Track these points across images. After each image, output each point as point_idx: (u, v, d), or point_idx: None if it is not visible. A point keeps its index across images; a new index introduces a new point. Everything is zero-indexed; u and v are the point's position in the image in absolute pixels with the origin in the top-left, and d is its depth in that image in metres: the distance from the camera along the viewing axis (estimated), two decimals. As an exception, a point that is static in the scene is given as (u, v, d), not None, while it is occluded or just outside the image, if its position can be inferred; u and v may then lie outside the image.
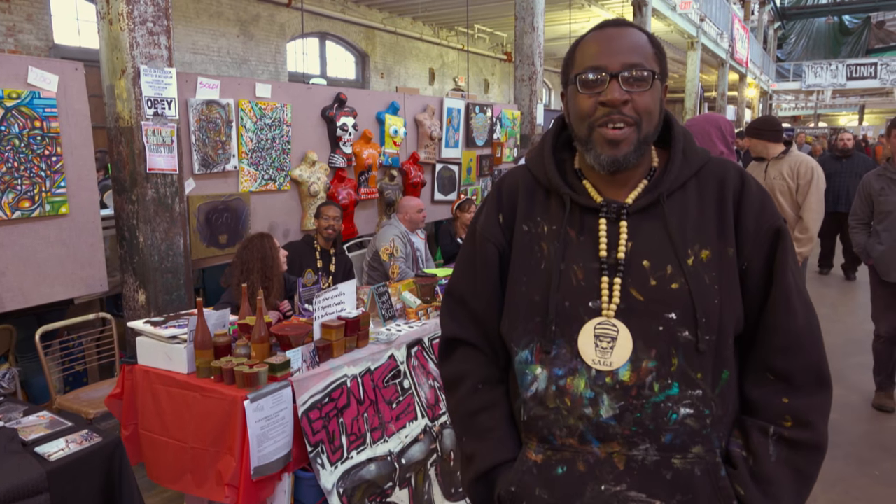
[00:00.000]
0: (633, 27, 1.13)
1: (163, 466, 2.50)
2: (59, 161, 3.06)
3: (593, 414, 1.07)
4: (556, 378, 1.10)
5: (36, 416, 2.30)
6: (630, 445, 1.06)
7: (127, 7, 3.11)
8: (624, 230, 1.11)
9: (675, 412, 1.05)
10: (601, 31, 1.12)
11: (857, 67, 26.13)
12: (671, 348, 1.06)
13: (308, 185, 4.32)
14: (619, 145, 1.08)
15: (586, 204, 1.14)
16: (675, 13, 12.99)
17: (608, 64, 1.08)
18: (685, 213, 1.11)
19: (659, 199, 1.11)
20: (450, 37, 14.76)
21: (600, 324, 1.08)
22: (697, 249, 1.09)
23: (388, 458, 2.65)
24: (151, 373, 2.50)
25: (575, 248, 1.13)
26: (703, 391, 1.06)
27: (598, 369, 1.07)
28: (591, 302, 1.10)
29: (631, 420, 1.06)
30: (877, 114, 32.65)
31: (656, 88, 1.10)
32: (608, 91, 1.07)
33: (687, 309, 1.05)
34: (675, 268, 1.07)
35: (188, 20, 9.32)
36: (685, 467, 1.06)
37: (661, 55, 1.13)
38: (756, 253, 1.10)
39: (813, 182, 3.87)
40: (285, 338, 2.51)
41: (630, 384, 1.06)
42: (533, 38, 6.98)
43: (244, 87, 3.94)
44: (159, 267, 3.37)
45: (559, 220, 1.15)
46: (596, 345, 1.08)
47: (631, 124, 1.08)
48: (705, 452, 1.07)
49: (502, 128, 6.53)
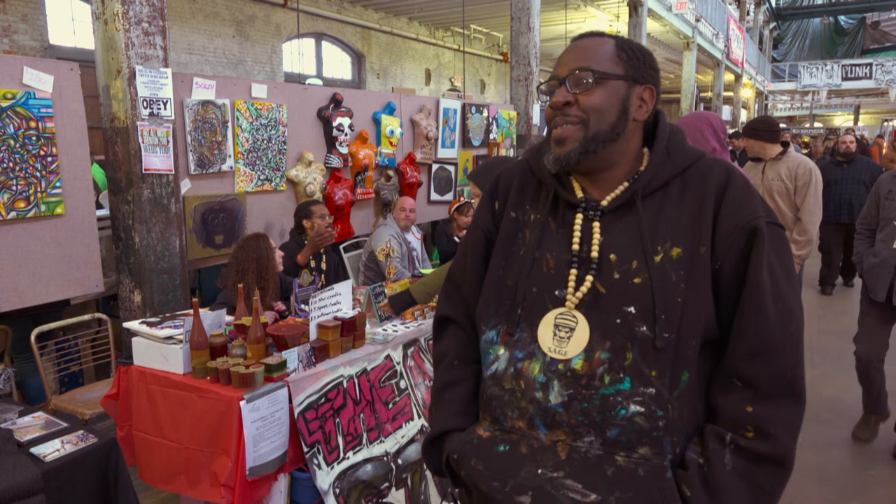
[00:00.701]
0: (602, 37, 1.18)
1: (155, 467, 2.49)
2: (54, 161, 3.05)
3: (543, 398, 1.09)
4: (516, 360, 1.14)
5: (31, 417, 2.30)
6: (575, 436, 1.07)
7: (122, 7, 3.11)
8: (597, 227, 1.14)
9: (623, 407, 1.05)
10: (571, 44, 1.20)
11: (853, 68, 26.21)
12: (626, 342, 1.06)
13: (304, 185, 4.32)
14: (564, 143, 1.14)
15: (568, 199, 1.19)
16: (670, 13, 13.01)
17: (559, 72, 1.16)
18: (661, 212, 1.12)
19: (633, 196, 1.14)
20: (446, 37, 14.77)
21: (561, 314, 1.12)
22: (668, 247, 1.09)
23: (385, 458, 2.65)
24: (147, 373, 2.50)
25: (552, 239, 1.18)
26: (658, 391, 1.04)
27: (553, 357, 1.10)
28: (558, 291, 1.14)
29: (578, 409, 1.07)
30: (872, 114, 32.75)
31: (611, 88, 1.13)
32: (555, 95, 1.15)
33: (646, 304, 1.06)
34: (641, 263, 1.09)
35: (184, 20, 9.31)
36: (628, 466, 1.04)
37: (631, 58, 1.15)
38: (729, 252, 1.07)
39: (811, 184, 3.84)
40: (281, 338, 2.51)
41: (581, 373, 1.07)
42: (529, 38, 6.99)
43: (240, 87, 3.94)
44: (155, 267, 3.37)
45: (544, 211, 1.21)
46: (554, 334, 1.11)
47: (576, 123, 1.13)
48: (653, 455, 1.04)
49: (498, 128, 6.53)
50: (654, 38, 14.71)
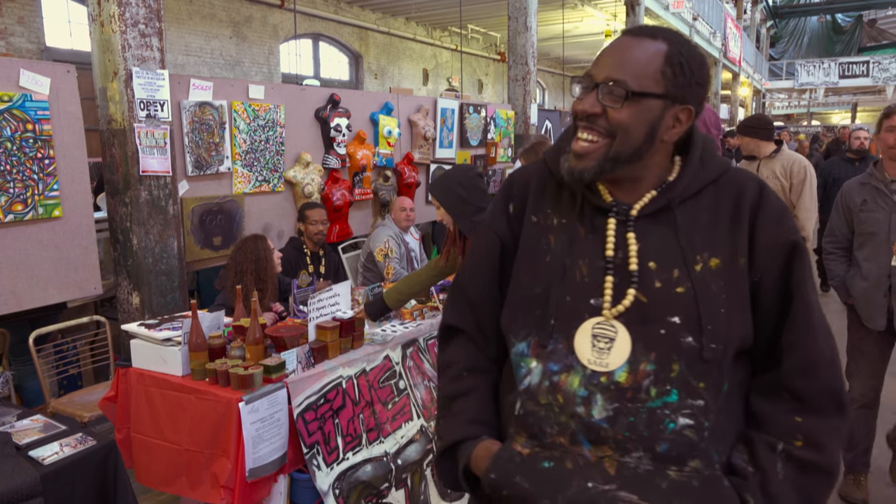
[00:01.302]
0: (654, 39, 1.08)
1: (155, 469, 2.49)
2: (51, 164, 3.05)
3: (585, 413, 1.04)
4: (551, 373, 1.08)
5: (30, 420, 2.30)
6: (623, 451, 1.02)
7: (119, 9, 3.11)
8: (632, 231, 1.10)
9: (672, 421, 1.01)
10: (617, 39, 1.11)
11: (850, 66, 26.22)
12: (672, 353, 1.03)
13: (302, 186, 4.32)
14: (582, 158, 1.09)
15: (597, 203, 1.13)
16: (667, 12, 13.02)
17: (596, 74, 1.08)
18: (696, 220, 1.09)
19: (670, 203, 1.10)
20: (443, 37, 14.77)
21: (599, 323, 1.07)
22: (706, 257, 1.06)
23: (385, 458, 2.65)
24: (146, 375, 2.49)
25: (582, 245, 1.12)
26: (706, 402, 1.02)
27: (593, 369, 1.05)
28: (593, 299, 1.08)
29: (624, 424, 1.02)
30: (869, 112, 32.78)
31: (644, 108, 1.06)
32: (584, 100, 1.09)
33: (691, 314, 1.03)
34: (682, 272, 1.05)
35: (181, 22, 9.30)
36: (681, 479, 1.01)
37: (678, 75, 1.07)
38: (770, 266, 1.07)
39: (807, 181, 3.84)
40: (280, 339, 2.51)
41: (626, 386, 1.03)
42: (526, 38, 6.99)
43: (237, 88, 3.94)
44: (153, 269, 3.37)
45: (569, 215, 1.15)
46: (593, 344, 1.06)
47: (601, 136, 1.08)
48: (703, 467, 1.02)
49: (496, 128, 6.53)
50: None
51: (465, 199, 2.66)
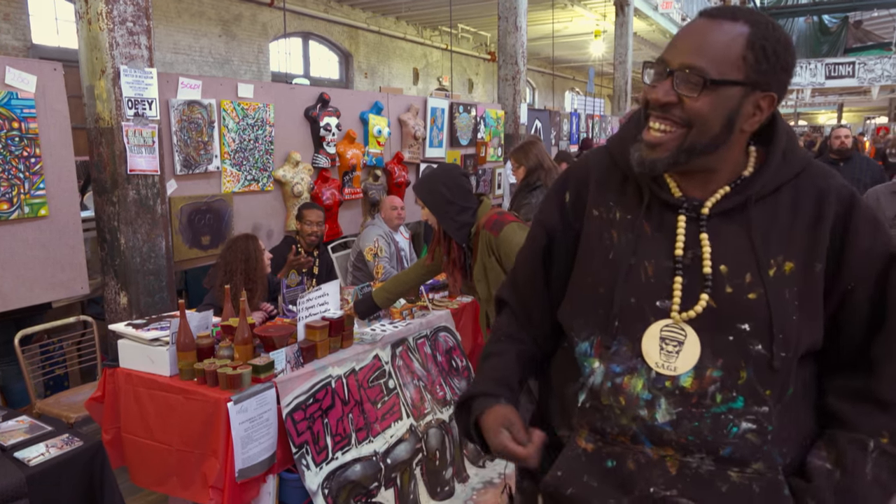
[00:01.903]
0: (735, 21, 1.00)
1: (148, 469, 2.48)
2: (38, 162, 3.02)
3: (648, 417, 1.03)
4: (613, 375, 1.06)
5: (15, 421, 2.28)
6: (685, 452, 1.02)
7: (106, 7, 3.08)
8: (705, 231, 1.04)
9: (736, 425, 1.00)
10: (693, 21, 1.04)
11: (836, 66, 26.37)
12: (741, 360, 1.00)
13: (292, 185, 4.30)
14: (655, 149, 1.04)
15: (665, 198, 1.08)
16: (656, 13, 13.09)
17: (671, 59, 1.02)
18: (773, 221, 1.04)
19: (746, 201, 1.04)
20: (433, 36, 14.76)
21: (667, 326, 1.04)
22: (781, 261, 1.02)
23: (374, 458, 2.65)
24: (134, 375, 2.48)
25: (648, 243, 1.08)
26: (770, 408, 1.00)
27: (660, 372, 1.03)
28: (660, 301, 1.05)
29: (688, 428, 1.01)
30: (855, 112, 33.11)
31: (722, 96, 0.99)
32: (657, 89, 1.02)
33: (763, 321, 1.00)
34: (755, 277, 1.01)
35: (169, 20, 9.24)
36: (742, 482, 1.00)
37: (760, 60, 0.99)
38: (866, 275, 1.03)
39: None
40: (269, 339, 2.50)
41: (691, 391, 1.01)
42: (516, 37, 7.00)
43: (226, 87, 3.91)
44: (141, 269, 3.34)
45: (634, 210, 1.10)
46: (661, 347, 1.04)
47: (677, 126, 1.02)
48: (766, 469, 1.01)
49: (486, 127, 6.54)
50: (640, 37, 14.76)
51: (450, 199, 2.64)
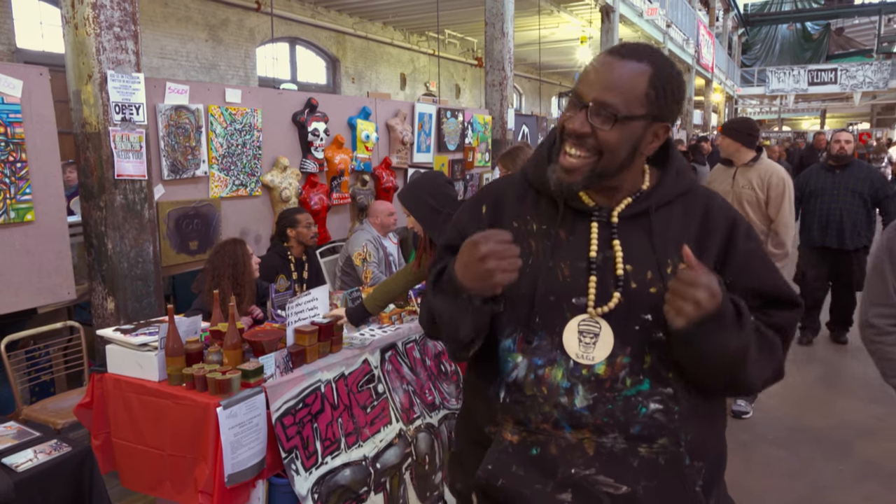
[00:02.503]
0: (640, 61, 1.14)
1: (140, 474, 2.47)
2: (24, 167, 3.00)
3: (568, 403, 1.16)
4: (536, 367, 1.19)
5: (3, 427, 2.26)
6: (600, 433, 1.16)
7: (93, 12, 3.07)
8: (617, 238, 1.20)
9: (644, 406, 1.15)
10: (604, 56, 1.17)
11: (818, 73, 26.79)
12: (645, 347, 1.16)
13: (280, 190, 4.30)
14: (570, 174, 1.17)
15: (578, 207, 1.22)
16: (641, 19, 13.19)
17: (585, 93, 1.15)
18: (668, 227, 1.21)
19: (647, 209, 1.21)
20: (421, 42, 14.80)
21: (585, 320, 1.17)
22: (676, 261, 1.17)
23: (363, 462, 2.65)
24: (122, 381, 2.47)
25: (563, 248, 1.22)
26: (674, 390, 1.16)
27: (579, 362, 1.16)
28: (575, 298, 1.18)
29: (603, 411, 1.15)
30: (837, 118, 33.53)
31: (630, 128, 1.14)
32: (573, 119, 1.15)
33: (661, 312, 1.12)
34: (655, 273, 1.17)
35: (156, 24, 9.21)
36: (650, 456, 1.15)
37: (660, 96, 1.14)
38: (742, 276, 1.21)
39: (786, 195, 3.72)
40: (258, 344, 2.50)
41: (605, 377, 1.15)
42: (503, 43, 7.04)
43: (214, 92, 3.91)
44: (128, 274, 3.33)
45: (550, 220, 1.24)
46: (580, 340, 1.17)
47: (590, 154, 1.15)
48: (670, 444, 1.16)
49: (474, 132, 6.57)
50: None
51: (435, 207, 2.65)
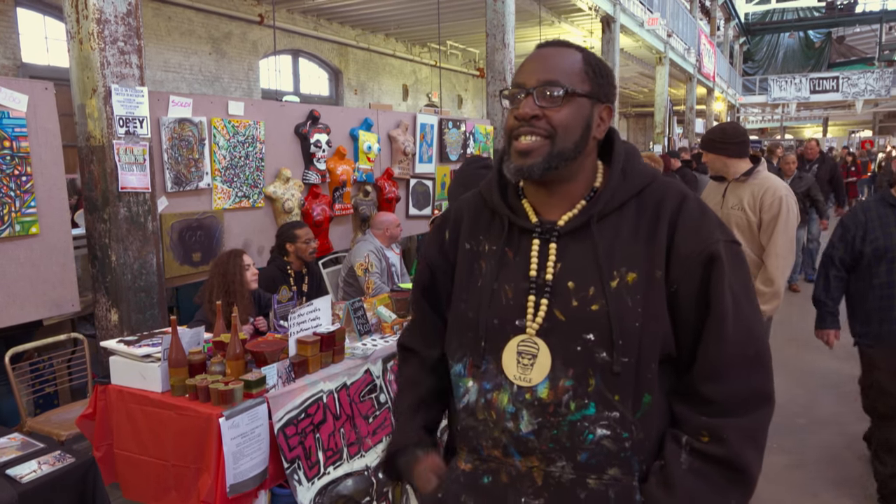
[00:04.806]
0: (568, 47, 1.16)
1: (142, 485, 2.48)
2: (29, 181, 3.03)
3: (514, 428, 1.12)
4: (485, 391, 1.16)
5: (7, 439, 2.27)
6: (548, 461, 1.11)
7: (98, 27, 3.12)
8: (553, 251, 1.14)
9: (591, 432, 1.08)
10: (534, 52, 1.17)
11: (820, 81, 26.85)
12: (588, 368, 1.08)
13: (282, 201, 4.33)
14: (528, 155, 1.11)
15: (523, 225, 1.18)
16: (642, 29, 13.26)
17: (526, 81, 1.13)
18: (617, 235, 1.12)
19: (590, 220, 1.13)
20: (422, 53, 14.88)
21: (523, 341, 1.13)
22: (624, 272, 1.10)
23: (366, 472, 2.65)
24: (126, 392, 2.48)
25: (509, 268, 1.17)
26: (621, 413, 1.08)
27: (519, 385, 1.12)
28: (518, 320, 1.14)
29: (548, 437, 1.10)
30: (840, 126, 33.53)
31: (578, 105, 1.12)
32: (522, 106, 1.12)
33: (604, 330, 1.07)
34: (598, 290, 1.09)
35: (159, 38, 9.28)
36: (599, 488, 1.09)
37: (597, 75, 1.14)
38: (686, 277, 1.09)
39: (781, 218, 2.82)
40: (260, 354, 2.52)
41: (548, 401, 1.10)
42: (504, 54, 7.09)
43: (217, 104, 3.95)
44: (132, 286, 3.35)
45: (498, 240, 1.20)
46: (518, 361, 1.13)
47: (544, 136, 1.11)
48: (622, 475, 1.09)
49: (475, 143, 6.60)
50: (627, 53, 14.95)
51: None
